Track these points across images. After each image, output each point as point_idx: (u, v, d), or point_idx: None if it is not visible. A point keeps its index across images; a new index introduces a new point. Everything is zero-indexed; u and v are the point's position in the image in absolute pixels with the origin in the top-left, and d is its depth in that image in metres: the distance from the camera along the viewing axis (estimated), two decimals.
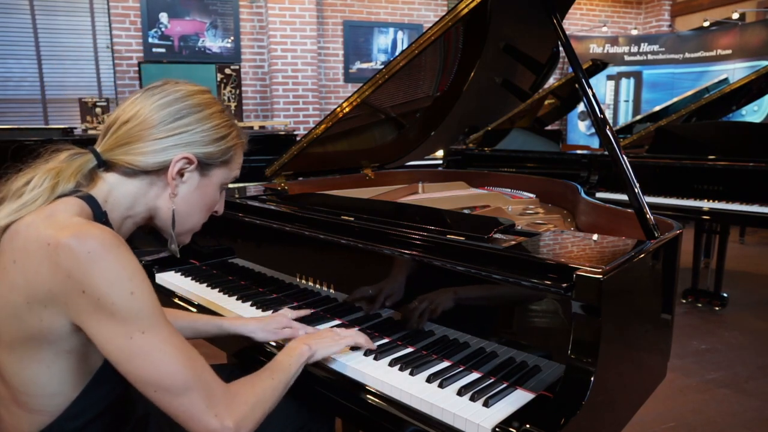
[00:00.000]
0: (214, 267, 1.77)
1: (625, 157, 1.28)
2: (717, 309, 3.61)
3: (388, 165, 2.30)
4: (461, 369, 1.06)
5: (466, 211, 1.79)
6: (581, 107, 6.70)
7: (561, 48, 1.59)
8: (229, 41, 5.92)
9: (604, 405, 0.96)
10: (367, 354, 1.13)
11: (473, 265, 1.06)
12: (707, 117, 4.00)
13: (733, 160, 3.14)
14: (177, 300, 1.57)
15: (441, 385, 0.99)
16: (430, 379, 1.02)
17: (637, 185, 1.25)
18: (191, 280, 1.67)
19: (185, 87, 0.96)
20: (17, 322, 0.81)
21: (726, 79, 5.82)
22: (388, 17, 6.65)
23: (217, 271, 1.73)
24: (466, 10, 1.44)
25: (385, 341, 1.19)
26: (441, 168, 4.46)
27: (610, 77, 7.44)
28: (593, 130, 7.14)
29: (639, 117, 5.46)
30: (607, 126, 1.31)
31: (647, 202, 1.24)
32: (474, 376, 1.04)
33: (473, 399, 0.94)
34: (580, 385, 0.89)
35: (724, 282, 3.65)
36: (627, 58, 7.40)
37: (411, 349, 1.15)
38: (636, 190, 1.24)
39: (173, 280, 1.68)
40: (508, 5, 1.64)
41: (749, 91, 3.90)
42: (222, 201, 1.08)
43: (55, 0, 5.30)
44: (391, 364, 1.09)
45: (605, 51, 7.39)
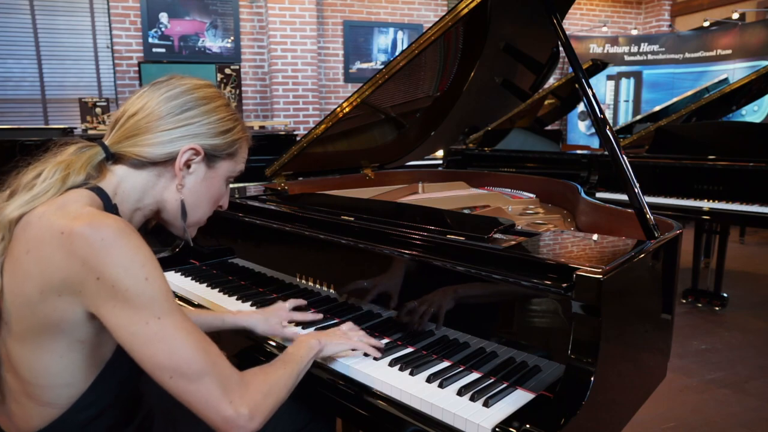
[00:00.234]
0: (214, 267, 1.77)
1: (625, 157, 1.28)
2: (717, 309, 3.61)
3: (388, 165, 2.30)
4: (461, 369, 1.06)
5: (466, 211, 1.79)
6: (581, 107, 6.70)
7: (561, 48, 1.59)
8: (229, 41, 5.92)
9: (604, 405, 0.96)
10: (368, 354, 1.13)
11: (473, 265, 1.06)
12: (707, 117, 4.00)
13: (733, 160, 3.14)
14: (177, 300, 1.56)
15: (441, 385, 1.00)
16: (430, 379, 1.02)
17: (637, 185, 1.25)
18: (191, 280, 1.67)
19: (191, 81, 0.99)
20: (30, 312, 0.82)
21: (726, 79, 5.82)
22: (388, 17, 6.65)
23: (217, 271, 1.74)
24: (466, 10, 1.44)
25: (385, 341, 1.19)
26: (441, 168, 4.46)
27: (610, 77, 7.44)
28: (593, 130, 7.14)
29: (639, 117, 5.46)
30: (607, 126, 1.31)
31: (647, 202, 1.24)
32: (474, 376, 1.04)
33: (473, 399, 0.94)
34: (580, 385, 0.89)
35: (724, 282, 3.65)
36: (627, 58, 7.41)
37: (411, 349, 1.16)
38: (636, 190, 1.24)
39: (173, 279, 1.68)
40: (508, 5, 1.64)
41: (749, 91, 3.90)
42: (227, 195, 1.10)
43: (55, 0, 5.30)
44: (391, 364, 1.09)
45: (605, 51, 7.39)
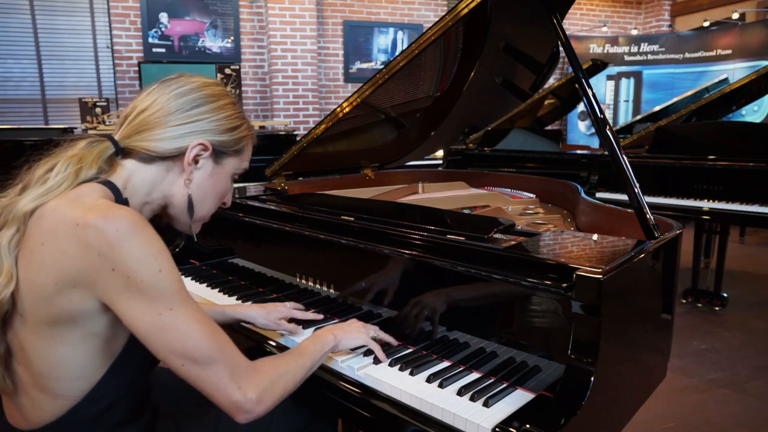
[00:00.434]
0: (214, 267, 1.77)
1: (625, 157, 1.28)
2: (717, 309, 3.61)
3: (388, 165, 2.30)
4: (461, 369, 1.06)
5: (466, 211, 1.79)
6: (581, 107, 6.70)
7: (561, 48, 1.59)
8: (229, 41, 5.92)
9: (604, 405, 0.96)
10: (368, 354, 1.13)
11: (473, 265, 1.06)
12: (707, 117, 4.00)
13: (733, 160, 3.14)
14: None
15: (441, 385, 1.00)
16: (430, 379, 1.02)
17: (637, 185, 1.25)
18: (191, 280, 1.67)
19: (200, 79, 1.01)
20: (45, 304, 0.83)
21: (726, 79, 5.82)
22: (388, 17, 6.65)
23: (217, 271, 1.74)
24: (466, 10, 1.44)
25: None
26: (441, 168, 4.46)
27: (610, 77, 7.44)
28: (593, 130, 7.14)
29: (639, 117, 5.46)
30: (607, 126, 1.31)
31: (647, 202, 1.24)
32: (474, 376, 1.04)
33: (473, 399, 0.94)
34: (580, 385, 0.89)
35: (724, 282, 3.65)
36: (627, 58, 7.40)
37: (411, 349, 1.16)
38: (636, 190, 1.24)
39: None
40: (508, 5, 1.64)
41: (749, 91, 3.89)
42: (230, 192, 1.11)
43: (55, 0, 5.30)
44: (392, 364, 1.09)
45: (605, 51, 7.39)
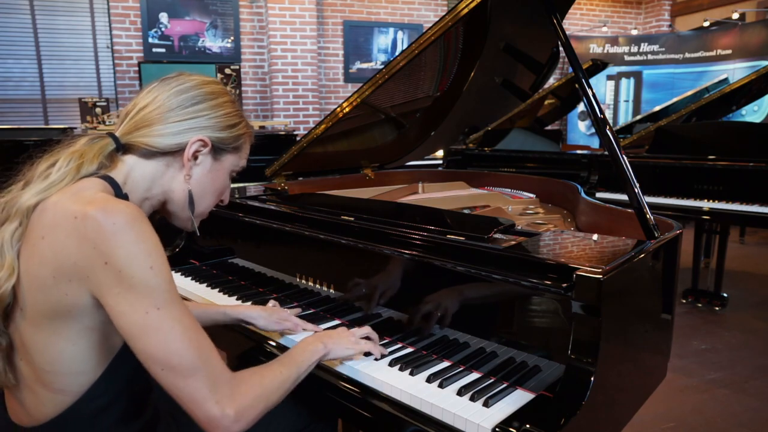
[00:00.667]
0: (214, 267, 1.77)
1: (625, 157, 1.28)
2: (717, 309, 3.61)
3: (388, 165, 2.30)
4: (461, 369, 1.06)
5: (466, 211, 1.79)
6: (581, 107, 6.70)
7: (561, 48, 1.59)
8: (229, 41, 5.92)
9: (604, 405, 0.96)
10: (368, 354, 1.13)
11: (473, 265, 1.06)
12: (707, 117, 4.00)
13: (733, 160, 3.14)
14: None
15: (441, 385, 1.00)
16: (430, 379, 1.02)
17: (637, 185, 1.25)
18: (191, 280, 1.67)
19: (199, 77, 1.02)
20: (44, 296, 0.84)
21: (726, 79, 5.82)
22: (388, 17, 6.64)
23: (217, 271, 1.74)
24: (466, 10, 1.44)
25: (385, 341, 1.19)
26: (441, 168, 4.46)
27: (610, 77, 7.44)
28: (593, 130, 7.14)
29: (639, 117, 5.46)
30: (607, 126, 1.31)
31: (647, 202, 1.24)
32: (474, 376, 1.04)
33: (473, 399, 0.94)
34: (580, 385, 0.89)
35: (724, 282, 3.65)
36: (627, 58, 7.40)
37: (411, 349, 1.16)
38: (636, 190, 1.24)
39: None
40: (508, 5, 1.64)
41: (749, 91, 3.89)
42: (228, 190, 1.12)
43: (55, 0, 5.30)
44: (392, 364, 1.09)
45: (605, 51, 7.39)
